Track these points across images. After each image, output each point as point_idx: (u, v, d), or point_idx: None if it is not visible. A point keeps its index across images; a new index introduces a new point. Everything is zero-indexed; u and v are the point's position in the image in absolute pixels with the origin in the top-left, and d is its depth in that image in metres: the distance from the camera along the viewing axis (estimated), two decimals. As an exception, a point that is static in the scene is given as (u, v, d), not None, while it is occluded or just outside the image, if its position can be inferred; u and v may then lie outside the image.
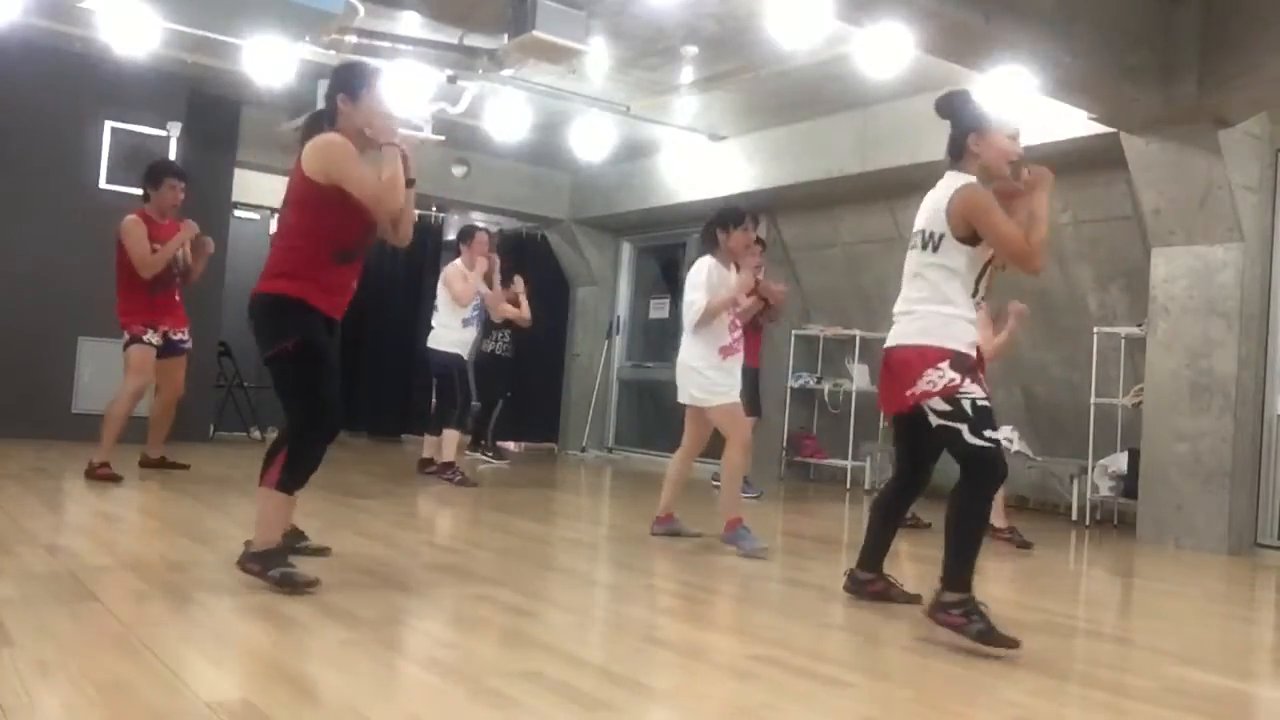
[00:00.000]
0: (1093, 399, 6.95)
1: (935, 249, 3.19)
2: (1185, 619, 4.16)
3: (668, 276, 11.17)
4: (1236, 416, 5.94)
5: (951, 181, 3.21)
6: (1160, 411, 6.25)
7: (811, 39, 5.94)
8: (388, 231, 3.49)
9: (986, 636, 2.92)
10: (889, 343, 3.32)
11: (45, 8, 6.48)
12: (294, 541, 3.82)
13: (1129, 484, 6.57)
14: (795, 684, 2.60)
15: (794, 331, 9.07)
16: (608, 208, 10.54)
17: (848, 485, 8.66)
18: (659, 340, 10.95)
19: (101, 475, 5.49)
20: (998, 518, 5.41)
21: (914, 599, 3.63)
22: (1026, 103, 6.18)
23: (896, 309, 3.33)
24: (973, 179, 3.20)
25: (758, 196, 8.85)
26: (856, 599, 3.71)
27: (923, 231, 3.24)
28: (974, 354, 3.22)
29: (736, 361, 4.85)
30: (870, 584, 3.68)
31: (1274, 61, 5.33)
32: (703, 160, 9.22)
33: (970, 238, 3.17)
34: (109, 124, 7.92)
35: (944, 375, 3.11)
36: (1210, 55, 5.55)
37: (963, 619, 2.96)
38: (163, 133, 8.10)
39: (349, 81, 3.33)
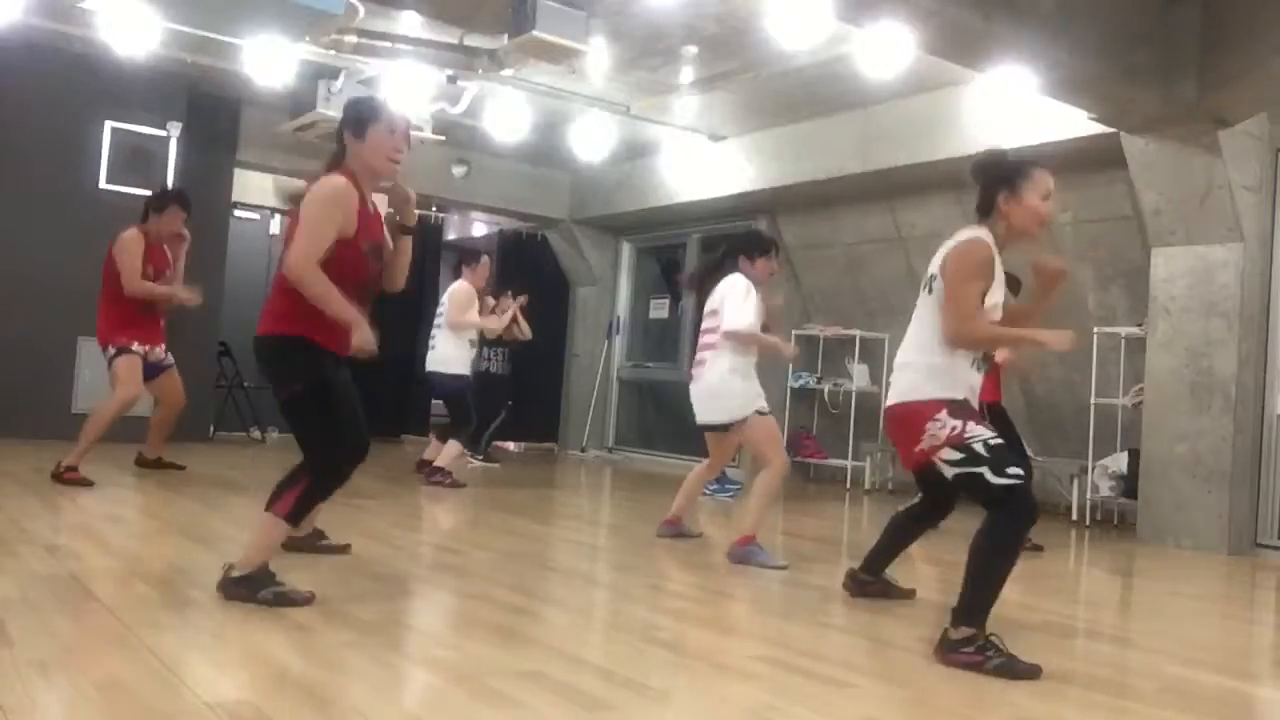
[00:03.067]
0: (1093, 399, 6.95)
1: (930, 291, 3.16)
2: (1185, 619, 4.16)
3: (668, 276, 11.15)
4: (1236, 416, 5.94)
5: (965, 233, 3.15)
6: (1160, 411, 6.25)
7: (811, 39, 5.93)
8: (383, 278, 3.34)
9: (1007, 670, 2.82)
10: (888, 400, 3.27)
11: (45, 8, 6.47)
12: (315, 540, 3.82)
13: (1129, 484, 6.57)
14: (796, 684, 2.60)
15: (794, 331, 9.05)
16: (608, 208, 10.53)
17: (848, 485, 8.66)
18: (659, 340, 10.93)
19: (69, 479, 5.32)
20: None
21: (908, 594, 3.79)
22: (1026, 103, 6.23)
23: (896, 360, 3.27)
24: (982, 234, 3.12)
25: (758, 196, 8.87)
26: (856, 598, 3.74)
27: (930, 275, 3.19)
28: (974, 398, 3.15)
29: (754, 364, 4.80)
30: (870, 584, 3.77)
31: (1274, 61, 5.32)
32: (703, 160, 9.22)
33: None
34: (109, 124, 7.93)
35: (944, 425, 3.05)
36: (1210, 55, 5.55)
37: (978, 656, 2.86)
38: (163, 133, 8.11)
39: (356, 117, 3.20)
